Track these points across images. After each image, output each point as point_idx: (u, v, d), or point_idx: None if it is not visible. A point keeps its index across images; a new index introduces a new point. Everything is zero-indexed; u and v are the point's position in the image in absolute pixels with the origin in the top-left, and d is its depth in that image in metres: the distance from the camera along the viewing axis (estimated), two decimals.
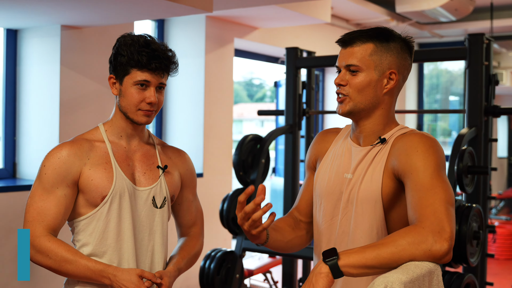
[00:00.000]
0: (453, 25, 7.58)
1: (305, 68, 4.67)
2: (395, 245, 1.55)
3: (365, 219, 1.82)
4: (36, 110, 4.32)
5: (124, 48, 1.99)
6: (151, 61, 1.98)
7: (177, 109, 5.45)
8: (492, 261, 7.45)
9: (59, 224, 1.97)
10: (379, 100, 1.85)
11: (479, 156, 3.65)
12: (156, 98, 2.02)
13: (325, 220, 1.93)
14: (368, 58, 1.82)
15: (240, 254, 4.15)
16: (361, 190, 1.83)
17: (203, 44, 5.29)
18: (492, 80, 3.71)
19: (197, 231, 2.29)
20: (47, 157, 2.00)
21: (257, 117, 18.19)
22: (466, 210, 3.21)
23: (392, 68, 1.84)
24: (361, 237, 1.83)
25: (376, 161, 1.83)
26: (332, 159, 1.96)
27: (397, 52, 1.84)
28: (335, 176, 1.92)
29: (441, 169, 1.71)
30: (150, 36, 2.05)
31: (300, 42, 6.28)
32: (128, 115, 2.04)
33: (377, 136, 1.87)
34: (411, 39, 1.90)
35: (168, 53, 2.04)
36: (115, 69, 2.03)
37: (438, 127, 10.92)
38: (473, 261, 3.25)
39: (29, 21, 4.07)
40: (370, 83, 1.82)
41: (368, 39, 1.83)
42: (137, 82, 1.99)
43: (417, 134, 1.80)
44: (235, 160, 4.24)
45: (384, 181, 1.79)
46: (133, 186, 2.05)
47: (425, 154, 1.72)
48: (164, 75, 2.04)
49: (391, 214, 1.81)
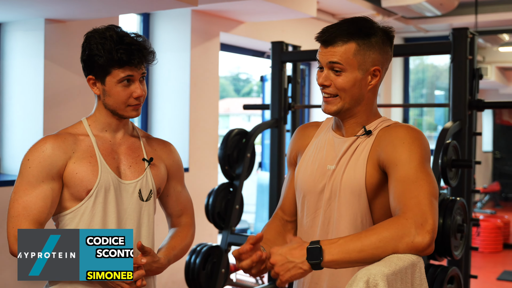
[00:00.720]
0: (438, 19, 7.59)
1: (290, 62, 4.67)
2: (379, 239, 1.56)
3: (349, 209, 1.82)
4: (20, 104, 4.29)
5: (99, 48, 1.94)
6: (131, 58, 1.94)
7: (162, 104, 5.43)
8: (476, 254, 7.51)
9: (45, 218, 1.94)
10: (364, 97, 1.85)
11: (463, 150, 3.66)
12: (142, 89, 2.00)
13: (309, 214, 1.92)
14: (351, 58, 1.79)
15: (225, 249, 4.15)
16: (344, 180, 1.82)
17: (188, 38, 5.26)
18: (476, 74, 3.73)
19: (188, 221, 2.26)
20: (30, 150, 1.96)
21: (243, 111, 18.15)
22: (450, 203, 3.22)
23: (376, 65, 1.83)
24: (346, 227, 1.82)
25: (359, 151, 1.83)
26: (314, 153, 1.95)
27: (379, 47, 1.82)
28: (317, 169, 1.90)
29: (426, 161, 1.71)
30: (116, 27, 2.00)
31: (286, 36, 6.27)
32: (117, 112, 2.02)
33: (360, 126, 1.87)
34: (391, 29, 1.88)
35: (143, 44, 1.99)
36: (93, 70, 1.99)
37: (424, 121, 10.97)
38: (457, 254, 3.26)
39: (13, 15, 4.03)
40: (355, 82, 1.81)
41: (350, 38, 1.79)
42: (120, 79, 1.97)
43: (403, 126, 1.80)
44: (220, 154, 4.23)
45: (368, 171, 1.79)
46: (118, 180, 2.02)
47: (411, 146, 1.72)
48: (144, 65, 2.01)
49: (375, 203, 1.81)
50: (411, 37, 8.85)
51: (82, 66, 2.03)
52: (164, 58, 5.33)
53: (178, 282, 5.10)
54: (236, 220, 4.26)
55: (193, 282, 4.06)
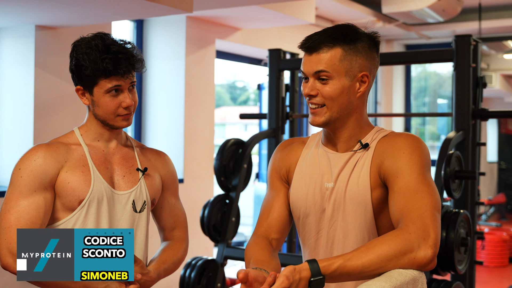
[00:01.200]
0: (441, 26, 7.56)
1: (288, 70, 4.64)
2: (381, 258, 1.53)
3: (356, 226, 1.78)
4: (10, 113, 4.24)
5: (85, 58, 1.91)
6: (117, 67, 1.90)
7: (156, 113, 5.39)
8: (481, 269, 7.39)
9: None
10: (353, 106, 1.79)
11: (466, 161, 3.65)
12: (131, 99, 1.96)
13: (311, 235, 1.88)
14: (338, 64, 1.74)
15: (221, 263, 4.10)
16: (347, 197, 1.78)
17: (183, 46, 5.22)
18: (479, 83, 3.72)
19: (181, 235, 2.21)
20: (22, 159, 1.92)
21: (240, 121, 18.12)
22: (454, 216, 3.19)
23: (363, 71, 1.77)
24: (352, 246, 1.78)
25: (359, 166, 1.79)
26: (306, 170, 1.88)
27: (366, 52, 1.78)
28: (314, 188, 1.85)
29: (426, 171, 1.70)
30: (104, 35, 1.95)
31: (283, 43, 6.25)
32: (106, 123, 1.99)
33: (355, 141, 1.82)
34: (377, 34, 1.83)
35: (130, 52, 1.95)
36: (81, 80, 1.96)
37: (426, 130, 10.90)
38: (461, 268, 3.22)
39: (2, 21, 3.99)
40: (343, 90, 1.75)
41: (335, 43, 1.74)
42: (108, 90, 1.93)
43: (402, 135, 1.77)
44: (216, 165, 4.17)
45: (372, 185, 1.76)
46: (111, 190, 1.99)
47: (411, 156, 1.70)
48: (132, 74, 1.97)
49: (381, 217, 1.78)
50: (412, 44, 8.81)
51: (71, 76, 1.99)
52: (158, 66, 5.27)
53: None
54: (233, 233, 4.20)
55: None
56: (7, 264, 1.85)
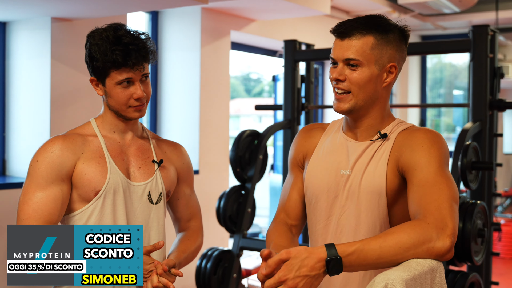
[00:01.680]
0: (457, 16, 7.49)
1: (304, 62, 4.62)
2: (399, 245, 1.52)
3: (369, 215, 1.79)
4: (26, 105, 4.25)
5: (96, 50, 1.91)
6: (126, 59, 1.90)
7: (172, 105, 5.38)
8: (497, 260, 7.32)
9: (55, 220, 1.90)
10: (378, 95, 1.81)
11: (483, 152, 3.63)
12: (143, 91, 1.96)
13: (321, 219, 1.88)
14: (369, 52, 1.76)
15: (237, 253, 4.11)
16: (363, 186, 1.79)
17: (198, 37, 5.20)
18: (497, 73, 3.70)
19: (197, 225, 2.24)
20: (39, 151, 1.94)
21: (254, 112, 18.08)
22: (470, 207, 3.19)
23: (392, 61, 1.79)
24: (364, 235, 1.79)
25: (377, 156, 1.80)
26: (324, 156, 1.90)
27: (396, 44, 1.80)
28: (329, 174, 1.86)
29: (445, 165, 1.70)
30: (119, 26, 1.95)
31: (299, 34, 6.21)
32: (119, 113, 1.99)
33: (375, 131, 1.83)
34: (407, 28, 1.85)
35: (142, 44, 1.95)
36: (94, 71, 1.97)
37: (441, 122, 10.82)
38: (477, 259, 3.22)
39: (18, 13, 3.99)
40: (371, 78, 1.77)
41: (368, 31, 1.76)
42: (119, 82, 1.94)
43: (421, 130, 1.78)
44: (232, 156, 4.17)
45: (388, 176, 1.77)
46: (127, 181, 2.00)
47: (430, 150, 1.70)
48: (144, 66, 1.96)
49: (394, 209, 1.79)
50: (428, 35, 8.74)
51: (87, 66, 2.01)
52: (173, 57, 5.26)
53: (189, 287, 5.02)
54: (248, 223, 4.21)
55: (204, 287, 4.02)
56: None
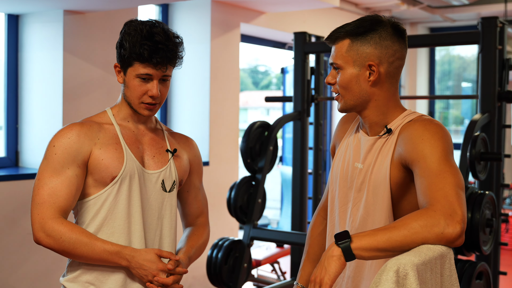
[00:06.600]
0: (466, 8, 7.46)
1: (313, 54, 4.64)
2: (407, 228, 1.55)
3: (376, 208, 1.84)
4: (39, 97, 4.28)
5: (127, 39, 1.95)
6: (152, 56, 1.94)
7: (182, 97, 5.40)
8: (505, 252, 7.33)
9: (70, 205, 1.93)
10: (368, 93, 1.86)
11: (492, 143, 3.63)
12: (159, 91, 1.99)
13: (340, 205, 1.96)
14: (345, 55, 1.85)
15: (248, 243, 4.14)
16: (372, 180, 1.85)
17: (208, 30, 5.22)
18: (506, 65, 3.70)
19: (203, 221, 2.29)
20: (56, 136, 1.96)
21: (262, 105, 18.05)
22: (479, 197, 3.19)
23: (371, 60, 1.83)
24: (372, 226, 1.84)
25: (384, 151, 1.85)
26: (345, 148, 2.00)
27: (375, 42, 1.83)
28: (347, 166, 1.95)
29: (448, 154, 1.72)
30: (157, 23, 1.98)
31: (308, 27, 6.21)
32: (132, 106, 2.03)
33: (382, 126, 1.89)
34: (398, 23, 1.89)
35: (172, 46, 1.98)
36: (120, 58, 2.00)
37: (450, 114, 10.80)
38: (486, 249, 3.24)
39: (31, 6, 4.01)
40: (351, 79, 1.85)
41: (345, 35, 1.85)
42: (139, 75, 1.97)
43: (421, 122, 1.80)
44: (242, 147, 4.21)
45: (392, 171, 1.81)
46: (142, 169, 2.03)
47: (431, 141, 1.72)
48: (167, 67, 1.99)
49: (403, 203, 1.83)
50: (437, 27, 8.71)
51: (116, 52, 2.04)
52: (184, 54, 5.24)
53: (199, 277, 5.07)
54: (259, 214, 4.23)
55: (215, 277, 4.06)
56: (39, 239, 1.90)
